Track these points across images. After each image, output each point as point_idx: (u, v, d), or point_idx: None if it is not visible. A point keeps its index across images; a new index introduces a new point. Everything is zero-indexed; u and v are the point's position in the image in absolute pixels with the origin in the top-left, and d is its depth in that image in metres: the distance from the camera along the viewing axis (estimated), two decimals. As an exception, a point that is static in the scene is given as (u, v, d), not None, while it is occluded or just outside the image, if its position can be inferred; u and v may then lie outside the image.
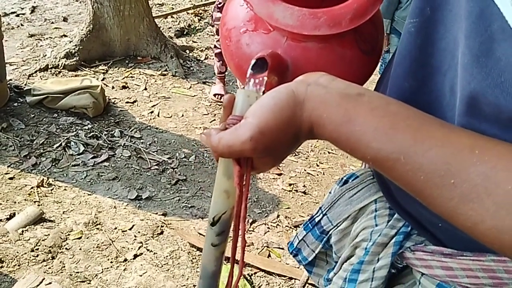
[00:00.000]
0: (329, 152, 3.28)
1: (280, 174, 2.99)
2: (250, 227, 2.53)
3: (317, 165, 3.13)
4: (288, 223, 2.60)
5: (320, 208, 0.92)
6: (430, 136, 0.44)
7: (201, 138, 0.58)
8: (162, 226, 2.42)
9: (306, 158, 3.19)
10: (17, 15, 4.83)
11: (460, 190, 0.41)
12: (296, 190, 2.87)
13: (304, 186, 2.90)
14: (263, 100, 0.52)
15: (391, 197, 0.76)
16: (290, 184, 2.90)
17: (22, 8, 4.99)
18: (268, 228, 2.56)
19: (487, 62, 0.45)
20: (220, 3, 3.41)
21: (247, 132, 0.51)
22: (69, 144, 2.94)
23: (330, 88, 0.50)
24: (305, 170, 3.06)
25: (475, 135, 0.44)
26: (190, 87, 3.89)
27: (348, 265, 0.83)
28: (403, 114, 0.46)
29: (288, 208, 2.71)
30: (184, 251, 2.29)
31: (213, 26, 3.93)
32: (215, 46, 3.65)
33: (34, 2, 5.18)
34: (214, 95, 3.70)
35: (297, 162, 3.14)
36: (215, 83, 3.85)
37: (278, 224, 2.59)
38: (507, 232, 0.39)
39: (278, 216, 2.64)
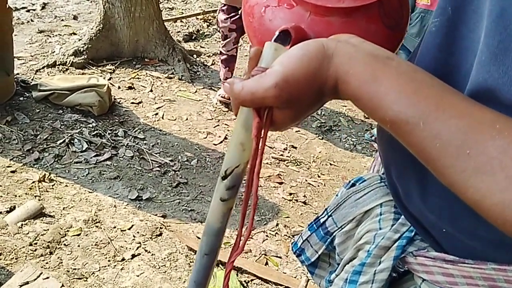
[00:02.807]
0: (330, 164, 3.29)
1: (281, 183, 2.99)
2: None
3: (319, 176, 3.13)
4: (287, 232, 2.59)
5: (326, 209, 0.93)
6: (452, 106, 0.44)
7: (224, 87, 0.57)
8: (161, 228, 2.42)
9: (308, 169, 3.19)
10: (28, 11, 4.86)
11: (474, 162, 0.41)
12: (296, 200, 2.87)
13: (304, 196, 2.90)
14: (291, 51, 0.52)
15: (398, 200, 0.76)
16: (290, 194, 2.91)
17: (33, 4, 5.02)
18: (267, 236, 2.55)
19: (505, 60, 0.46)
20: (224, 5, 3.43)
21: (272, 79, 0.50)
22: (72, 141, 2.95)
23: (359, 48, 0.50)
24: (306, 180, 3.07)
25: (498, 113, 0.44)
26: (196, 91, 3.90)
27: (350, 267, 0.83)
28: (428, 82, 0.46)
29: (288, 217, 2.71)
30: (182, 254, 2.29)
31: (219, 30, 3.93)
32: (221, 52, 3.65)
33: (45, -1, 5.21)
34: (220, 96, 3.69)
35: (299, 172, 3.14)
36: (220, 88, 3.86)
37: (277, 233, 2.58)
38: (510, 205, 0.40)
39: (277, 224, 2.64)
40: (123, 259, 2.19)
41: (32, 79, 3.52)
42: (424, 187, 0.68)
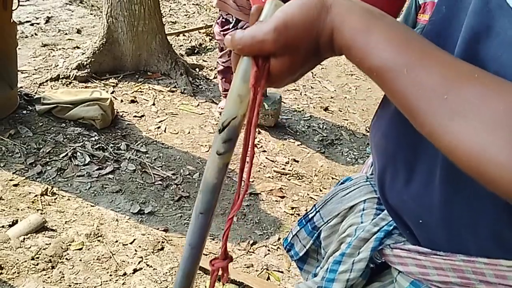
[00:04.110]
0: (332, 178, 3.29)
1: (282, 197, 3.00)
2: (250, 249, 2.53)
3: (320, 190, 3.13)
4: (289, 246, 2.59)
5: (314, 205, 0.99)
6: (437, 57, 0.46)
7: (225, 40, 0.59)
8: (163, 242, 2.42)
9: (310, 183, 3.19)
10: (32, 24, 4.90)
11: (452, 105, 0.43)
12: (298, 214, 2.86)
13: (306, 210, 2.90)
14: (292, 1, 0.54)
15: (382, 192, 0.80)
16: (292, 208, 2.90)
17: (37, 18, 5.07)
18: (269, 250, 2.55)
19: (487, 38, 0.51)
20: (218, 18, 3.50)
21: (272, 23, 0.53)
22: (75, 155, 2.96)
23: (357, 2, 0.54)
24: (308, 194, 3.07)
25: (478, 67, 0.46)
26: (198, 105, 3.92)
27: (332, 258, 0.88)
28: (417, 38, 0.49)
29: (289, 231, 2.70)
30: (183, 268, 2.28)
31: (216, 42, 3.97)
32: (217, 64, 3.70)
33: (49, 13, 5.26)
34: (221, 108, 3.74)
35: (300, 186, 3.14)
36: (222, 101, 3.88)
37: (278, 247, 2.58)
38: (487, 151, 0.41)
39: (279, 239, 2.64)
40: (124, 274, 2.19)
41: (36, 93, 3.54)
42: (411, 173, 0.72)
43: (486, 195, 0.60)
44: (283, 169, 3.27)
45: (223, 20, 3.45)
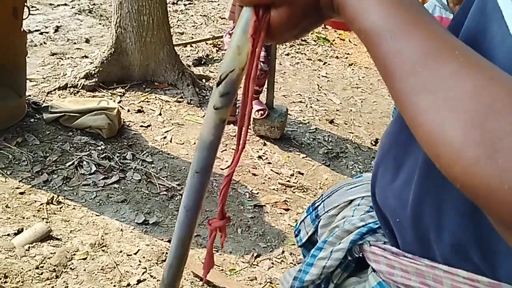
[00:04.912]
0: (337, 191, 3.28)
1: (287, 210, 2.99)
2: (254, 261, 2.52)
3: (325, 203, 3.13)
4: (293, 260, 2.58)
5: (322, 195, 1.04)
6: (424, 28, 0.45)
7: None
8: (167, 253, 2.41)
9: (314, 195, 3.19)
10: (41, 33, 4.94)
11: (423, 79, 0.42)
12: (303, 227, 2.86)
13: (310, 223, 2.89)
14: None
15: (373, 190, 0.82)
16: (297, 221, 2.90)
17: (46, 27, 5.12)
18: (272, 263, 2.54)
19: (483, 41, 0.51)
20: (231, 29, 3.52)
21: None
22: (81, 164, 2.98)
23: None
24: (312, 207, 3.06)
25: (465, 45, 0.45)
26: (204, 115, 3.92)
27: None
28: (413, 4, 0.48)
29: (294, 244, 2.70)
30: (187, 280, 2.28)
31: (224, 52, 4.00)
32: None
33: (58, 22, 5.31)
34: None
35: (305, 198, 3.14)
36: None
37: (282, 260, 2.57)
38: (445, 132, 0.40)
39: (283, 252, 2.63)
40: (128, 285, 2.19)
41: (44, 101, 3.57)
42: (397, 170, 0.73)
43: (453, 201, 0.61)
44: (288, 181, 3.27)
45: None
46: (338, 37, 6.41)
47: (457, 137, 0.39)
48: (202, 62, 4.99)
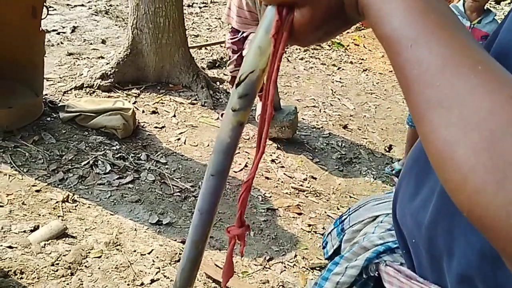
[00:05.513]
0: (350, 197, 3.28)
1: (300, 214, 2.99)
2: (266, 264, 2.52)
3: (338, 208, 3.12)
4: (305, 264, 2.58)
5: (349, 208, 1.02)
6: (449, 38, 0.42)
7: None
8: (180, 254, 2.43)
9: (327, 200, 3.19)
10: (58, 33, 5.00)
11: (440, 94, 0.39)
12: (315, 232, 2.86)
13: (323, 228, 2.89)
14: None
15: (394, 204, 0.80)
16: (309, 225, 2.90)
17: (64, 27, 5.17)
18: (285, 267, 2.54)
19: None
20: (231, 28, 3.71)
21: None
22: (96, 163, 3.00)
23: None
24: (325, 212, 3.06)
25: (489, 58, 0.41)
26: (218, 118, 3.95)
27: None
28: (440, 10, 0.44)
29: (306, 249, 2.70)
30: (200, 281, 2.29)
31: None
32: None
33: (75, 22, 5.36)
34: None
35: (318, 203, 3.14)
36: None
37: (295, 264, 2.57)
38: (456, 152, 0.37)
39: (295, 256, 2.63)
40: (142, 284, 2.20)
41: (60, 100, 3.61)
42: (418, 188, 0.70)
43: (464, 228, 0.59)
44: (301, 185, 3.27)
45: (233, 30, 3.70)
46: (352, 42, 6.40)
47: (466, 160, 0.36)
48: (217, 65, 5.01)
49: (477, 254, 0.58)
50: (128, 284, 2.18)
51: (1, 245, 2.23)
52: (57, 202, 2.61)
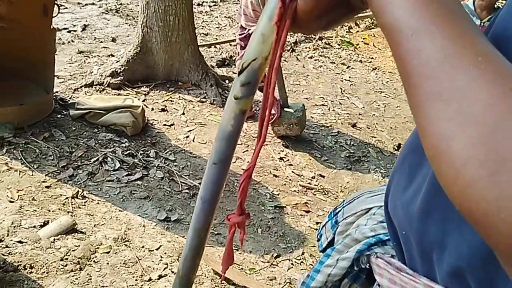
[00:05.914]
0: (358, 195, 3.27)
1: (307, 212, 2.99)
2: (274, 261, 2.53)
3: (346, 207, 3.12)
4: (313, 261, 2.58)
5: (344, 201, 1.01)
6: (452, 29, 0.40)
7: None
8: (188, 250, 2.44)
9: (335, 198, 3.18)
10: (69, 31, 5.04)
11: (439, 86, 0.38)
12: (323, 229, 2.85)
13: (331, 226, 2.89)
14: None
15: (386, 196, 0.79)
16: (317, 223, 2.90)
17: (74, 25, 5.22)
18: (292, 264, 2.55)
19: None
20: (241, 28, 3.77)
21: None
22: (105, 160, 3.02)
23: None
24: (333, 210, 3.05)
25: (491, 48, 0.40)
26: (227, 116, 3.96)
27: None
28: (447, 2, 0.43)
29: (314, 246, 2.70)
30: (207, 277, 2.30)
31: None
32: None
33: (86, 21, 5.41)
34: None
35: (326, 201, 3.14)
36: (251, 114, 3.92)
37: (302, 261, 2.57)
38: (451, 145, 0.36)
39: (303, 253, 2.63)
40: (150, 279, 2.22)
41: (70, 98, 3.64)
42: (410, 179, 0.70)
43: (456, 221, 0.59)
44: (309, 183, 3.27)
45: (242, 26, 3.78)
46: (362, 41, 6.39)
47: (460, 154, 0.35)
48: (226, 63, 5.03)
49: (469, 247, 0.57)
50: (136, 280, 2.20)
51: (12, 240, 2.25)
52: (66, 198, 2.63)
